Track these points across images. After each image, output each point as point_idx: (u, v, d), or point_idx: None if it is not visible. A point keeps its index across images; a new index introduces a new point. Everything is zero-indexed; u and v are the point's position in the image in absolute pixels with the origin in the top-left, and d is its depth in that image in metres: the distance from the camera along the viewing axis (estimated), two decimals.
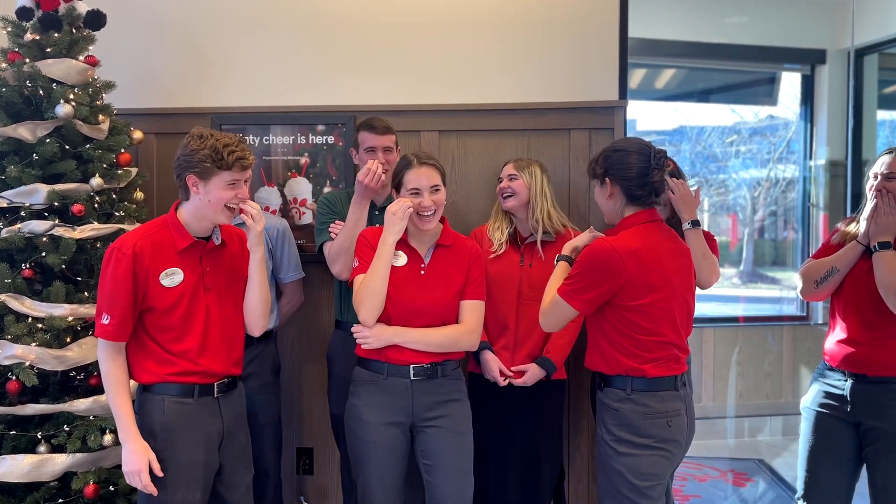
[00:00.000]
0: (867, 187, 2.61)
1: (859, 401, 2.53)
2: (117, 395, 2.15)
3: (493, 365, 2.72)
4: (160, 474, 2.13)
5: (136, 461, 2.11)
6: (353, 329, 2.43)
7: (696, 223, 2.60)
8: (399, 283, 2.40)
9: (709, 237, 2.73)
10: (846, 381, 2.56)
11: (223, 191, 2.17)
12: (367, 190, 2.67)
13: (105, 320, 2.14)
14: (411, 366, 2.41)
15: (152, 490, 2.12)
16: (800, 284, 2.69)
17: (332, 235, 2.79)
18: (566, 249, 2.36)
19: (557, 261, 2.37)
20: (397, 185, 2.45)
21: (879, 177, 2.55)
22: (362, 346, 2.42)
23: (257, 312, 2.35)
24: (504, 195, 2.85)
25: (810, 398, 2.68)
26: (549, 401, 2.84)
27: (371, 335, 2.38)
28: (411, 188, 2.39)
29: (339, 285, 2.89)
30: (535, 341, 2.79)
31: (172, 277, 2.18)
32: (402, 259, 2.44)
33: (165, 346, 2.19)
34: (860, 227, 2.58)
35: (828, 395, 2.61)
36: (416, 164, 2.41)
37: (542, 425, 2.83)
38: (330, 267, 2.81)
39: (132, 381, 2.23)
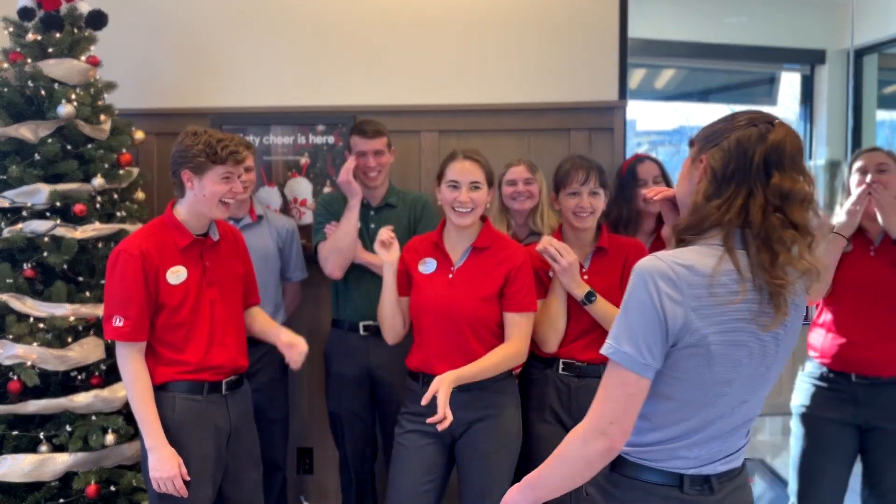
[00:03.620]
0: (853, 183, 2.48)
1: (866, 402, 2.45)
2: (142, 401, 2.14)
3: None
4: (188, 478, 2.13)
5: (169, 467, 2.10)
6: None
7: None
8: (425, 286, 2.35)
9: None
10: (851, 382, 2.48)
11: (217, 185, 2.19)
12: (343, 185, 2.73)
13: (118, 322, 2.12)
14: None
15: (185, 493, 2.12)
16: None
17: (327, 235, 2.81)
18: (580, 288, 2.33)
19: (594, 299, 2.33)
20: (439, 176, 2.41)
21: (872, 169, 2.44)
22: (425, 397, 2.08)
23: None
24: (522, 198, 2.79)
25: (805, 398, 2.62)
26: None
27: (434, 388, 2.08)
28: (450, 180, 2.34)
29: (336, 284, 2.89)
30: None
31: (178, 275, 2.19)
32: (430, 266, 2.39)
33: (175, 344, 2.19)
34: (838, 218, 2.45)
35: (827, 396, 2.54)
36: (460, 158, 2.37)
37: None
38: (322, 266, 2.82)
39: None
